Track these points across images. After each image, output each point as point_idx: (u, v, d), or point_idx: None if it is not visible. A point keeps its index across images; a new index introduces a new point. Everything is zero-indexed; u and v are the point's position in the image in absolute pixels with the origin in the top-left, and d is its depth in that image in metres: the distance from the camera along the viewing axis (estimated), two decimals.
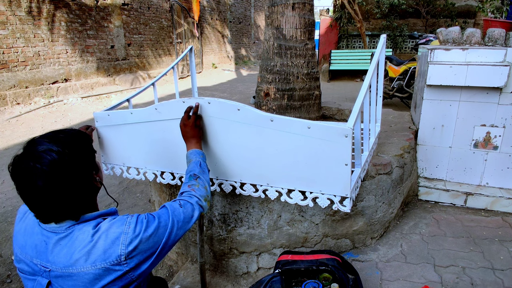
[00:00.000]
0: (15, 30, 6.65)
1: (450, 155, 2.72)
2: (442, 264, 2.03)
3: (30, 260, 1.02)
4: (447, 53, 2.50)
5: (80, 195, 1.02)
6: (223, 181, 1.77)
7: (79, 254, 0.96)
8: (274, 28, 2.69)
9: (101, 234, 0.99)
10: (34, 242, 1.03)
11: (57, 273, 0.99)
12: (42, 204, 0.96)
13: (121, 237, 0.99)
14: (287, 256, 1.76)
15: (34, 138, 1.01)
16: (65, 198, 0.97)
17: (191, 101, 1.68)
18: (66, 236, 1.00)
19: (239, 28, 16.55)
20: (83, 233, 1.00)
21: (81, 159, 1.02)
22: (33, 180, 0.93)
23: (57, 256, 0.98)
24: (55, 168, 0.94)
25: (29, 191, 0.94)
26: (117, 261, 0.97)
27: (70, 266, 0.97)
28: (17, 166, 0.95)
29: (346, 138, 1.42)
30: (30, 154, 0.95)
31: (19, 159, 0.96)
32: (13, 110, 6.62)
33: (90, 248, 0.97)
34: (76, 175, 1.00)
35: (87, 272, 0.96)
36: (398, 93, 5.75)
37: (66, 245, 0.99)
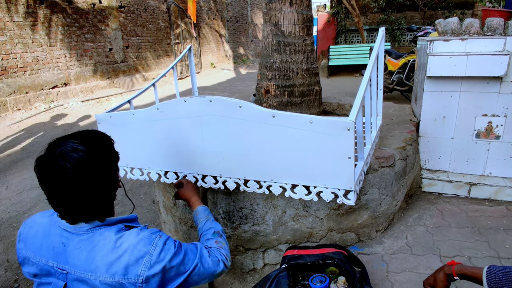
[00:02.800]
0: (13, 36, 6.65)
1: (452, 146, 2.72)
2: (448, 255, 2.03)
3: (45, 262, 1.01)
4: (447, 44, 2.50)
5: (106, 194, 1.03)
6: (226, 179, 1.77)
7: (101, 262, 0.96)
8: (272, 24, 2.69)
9: (127, 247, 0.98)
10: (51, 244, 1.02)
11: (74, 276, 0.98)
12: (69, 203, 0.96)
13: (145, 257, 0.97)
14: (293, 251, 1.77)
15: (58, 138, 1.01)
16: (92, 197, 0.98)
17: (193, 100, 1.68)
18: (87, 240, 0.99)
19: (236, 27, 16.54)
20: (104, 239, 0.99)
21: (106, 158, 1.03)
22: (61, 178, 0.93)
23: (77, 259, 0.98)
24: (83, 167, 0.95)
25: (57, 190, 0.94)
26: (135, 280, 0.95)
27: (90, 271, 0.96)
28: (44, 166, 0.95)
29: (348, 131, 1.42)
30: (57, 154, 0.95)
31: (46, 158, 0.96)
32: (14, 116, 6.64)
33: (113, 259, 0.96)
34: (103, 173, 1.00)
35: (104, 282, 0.95)
36: (398, 87, 5.74)
37: (87, 249, 0.98)
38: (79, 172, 0.94)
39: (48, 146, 0.99)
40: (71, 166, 0.93)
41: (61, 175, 0.93)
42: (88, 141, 1.00)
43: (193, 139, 1.74)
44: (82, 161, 0.95)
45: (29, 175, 4.14)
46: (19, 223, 3.19)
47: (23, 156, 4.82)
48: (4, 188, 3.86)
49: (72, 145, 0.97)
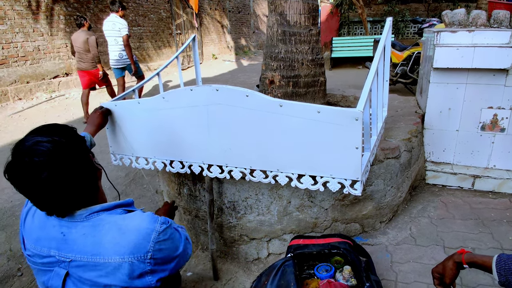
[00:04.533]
0: (14, 24, 6.60)
1: (457, 139, 2.71)
2: (451, 246, 2.04)
3: (47, 252, 1.01)
4: (454, 35, 2.48)
5: (85, 178, 1.01)
6: (232, 168, 1.77)
7: (109, 245, 0.97)
8: (278, 14, 2.65)
9: (133, 227, 0.99)
10: (50, 235, 1.01)
11: (79, 263, 0.98)
12: (52, 197, 0.94)
13: (152, 234, 0.99)
14: (298, 241, 1.77)
15: (19, 140, 0.97)
16: (72, 185, 0.96)
17: (199, 89, 1.67)
18: (90, 226, 0.99)
19: (238, 18, 16.39)
20: (109, 223, 1.00)
21: (72, 144, 0.99)
22: (35, 175, 0.90)
23: (82, 245, 0.98)
24: (53, 156, 0.92)
25: (35, 188, 0.91)
26: (144, 257, 0.97)
27: (98, 255, 0.96)
28: (14, 167, 0.92)
29: (356, 121, 1.42)
30: (22, 152, 0.91)
31: (13, 161, 0.92)
32: (15, 105, 6.61)
33: (121, 240, 0.97)
34: (74, 158, 0.97)
35: (112, 263, 0.96)
36: (402, 79, 5.71)
37: (91, 234, 0.98)
38: (49, 163, 0.91)
39: (13, 149, 0.95)
40: (39, 159, 0.90)
41: (32, 171, 0.90)
42: (49, 132, 0.97)
43: (199, 128, 1.73)
44: (49, 151, 0.92)
45: None
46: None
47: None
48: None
49: (33, 140, 0.94)
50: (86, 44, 5.58)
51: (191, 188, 2.20)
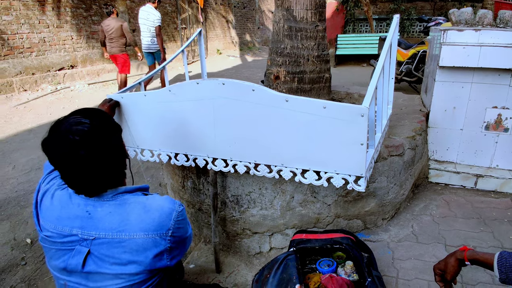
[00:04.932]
0: (19, 15, 6.61)
1: (461, 138, 2.71)
2: (453, 244, 2.05)
3: (69, 231, 1.04)
4: (460, 34, 2.47)
5: (118, 162, 1.10)
6: (237, 162, 1.78)
7: (135, 222, 1.03)
8: (284, 9, 2.65)
9: (156, 207, 1.07)
10: (73, 213, 1.05)
11: (103, 240, 1.02)
12: (86, 176, 1.01)
13: (173, 213, 1.07)
14: (301, 235, 1.79)
15: (59, 119, 1.05)
16: (106, 166, 1.04)
17: (205, 82, 1.68)
18: (117, 205, 1.06)
19: (243, 13, 16.34)
20: (134, 203, 1.07)
21: (109, 127, 1.08)
22: (72, 153, 0.97)
23: (108, 222, 1.03)
24: (92, 136, 1.00)
25: (72, 165, 0.98)
26: (165, 234, 1.05)
27: (123, 231, 1.02)
28: (53, 145, 0.99)
29: (362, 117, 1.42)
30: (62, 130, 0.99)
31: (53, 138, 1.00)
32: (20, 96, 6.65)
33: (146, 218, 1.04)
34: (110, 141, 1.06)
35: (137, 240, 1.02)
36: (407, 77, 5.69)
37: (118, 213, 1.05)
38: (88, 143, 0.99)
39: (52, 127, 1.02)
40: (80, 138, 0.98)
41: (72, 149, 0.97)
42: (89, 114, 1.06)
43: (205, 122, 1.74)
44: (88, 132, 1.00)
45: (37, 155, 4.17)
46: (27, 202, 3.23)
47: (30, 137, 4.85)
48: (11, 168, 3.90)
49: (74, 120, 1.02)
50: (119, 30, 6.08)
51: (195, 181, 2.22)
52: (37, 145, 4.67)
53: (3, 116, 5.80)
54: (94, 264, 1.03)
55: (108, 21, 6.12)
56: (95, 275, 1.04)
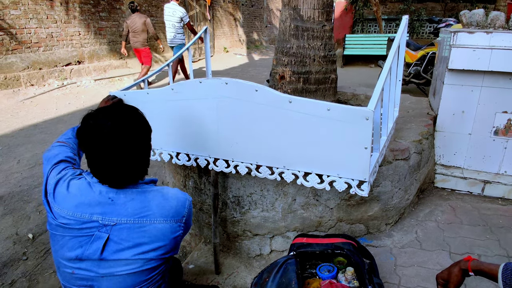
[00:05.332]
0: (28, 10, 6.64)
1: (469, 142, 2.65)
2: (457, 252, 2.01)
3: (89, 218, 1.08)
4: (471, 36, 2.41)
5: (145, 158, 1.19)
6: (238, 163, 1.75)
7: (156, 208, 1.11)
8: (291, 8, 2.61)
9: (172, 195, 1.17)
10: (94, 200, 1.10)
11: (124, 226, 1.08)
12: (115, 164, 1.07)
13: (186, 202, 1.19)
14: (302, 239, 1.76)
15: (99, 109, 1.14)
16: (134, 157, 1.11)
17: (208, 81, 1.65)
18: (139, 192, 1.14)
19: (251, 11, 16.28)
20: (154, 191, 1.16)
21: (146, 125, 1.18)
22: (106, 137, 1.05)
23: (131, 208, 1.10)
24: (124, 126, 1.08)
25: (103, 151, 1.05)
26: (180, 220, 1.15)
27: (145, 217, 1.09)
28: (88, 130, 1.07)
29: (367, 120, 1.39)
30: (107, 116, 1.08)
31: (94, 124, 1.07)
32: (27, 91, 6.68)
33: (165, 205, 1.13)
34: (141, 136, 1.15)
35: (157, 225, 1.09)
36: (415, 79, 5.61)
37: (140, 199, 1.12)
38: (121, 132, 1.06)
39: (85, 116, 1.10)
40: (112, 124, 1.06)
41: (104, 135, 1.05)
42: (131, 110, 1.16)
43: (207, 121, 1.72)
44: (122, 122, 1.08)
45: (41, 150, 4.18)
46: (30, 197, 3.24)
47: (35, 132, 4.87)
48: (16, 162, 3.92)
49: (119, 108, 1.13)
50: (143, 25, 6.71)
51: (197, 181, 2.19)
52: (42, 140, 4.71)
53: (10, 110, 5.84)
54: (113, 250, 1.07)
55: (132, 18, 6.73)
56: (110, 261, 1.07)
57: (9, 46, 6.38)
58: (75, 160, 1.35)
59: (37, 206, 3.11)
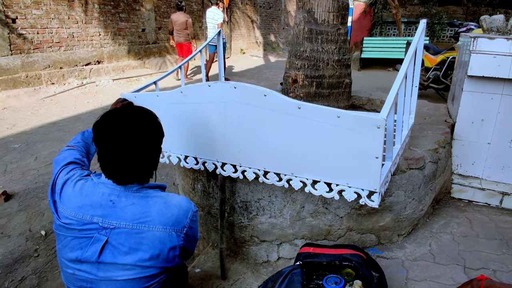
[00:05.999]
0: (49, 10, 6.81)
1: (488, 152, 2.55)
2: (472, 267, 1.92)
3: (90, 219, 1.08)
4: (491, 42, 2.32)
5: (155, 158, 1.19)
6: (246, 168, 1.73)
7: (156, 215, 1.09)
8: (305, 11, 2.58)
9: (175, 203, 1.14)
10: (97, 202, 1.10)
11: (123, 230, 1.07)
12: (125, 159, 1.08)
13: (189, 212, 1.16)
14: (308, 249, 1.71)
15: (116, 108, 1.15)
16: (144, 156, 1.12)
17: (217, 85, 1.64)
18: (140, 197, 1.12)
19: (269, 13, 16.27)
20: (156, 197, 1.14)
21: (156, 127, 1.19)
22: (120, 133, 1.07)
23: (130, 213, 1.09)
24: (139, 126, 1.11)
25: (115, 145, 1.07)
26: (180, 230, 1.12)
27: (144, 223, 1.07)
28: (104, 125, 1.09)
29: (378, 129, 1.34)
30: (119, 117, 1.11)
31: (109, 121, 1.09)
32: (48, 89, 6.85)
33: (166, 212, 1.11)
34: (153, 138, 1.17)
35: (155, 232, 1.07)
36: (434, 84, 5.46)
37: (141, 204, 1.11)
38: (139, 134, 1.09)
39: (106, 113, 1.13)
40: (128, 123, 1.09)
41: (118, 131, 1.07)
42: (146, 111, 1.18)
43: (215, 125, 1.70)
44: (138, 122, 1.11)
45: (59, 147, 4.27)
46: (45, 194, 3.30)
47: (54, 129, 4.98)
48: (33, 159, 4.01)
49: (136, 108, 1.16)
50: (184, 23, 7.56)
51: (205, 185, 2.18)
52: (60, 138, 4.81)
53: (30, 107, 6.00)
54: (110, 254, 1.06)
55: (177, 15, 7.53)
56: (108, 265, 1.06)
57: (31, 45, 6.56)
58: (83, 162, 1.36)
59: None
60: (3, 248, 2.58)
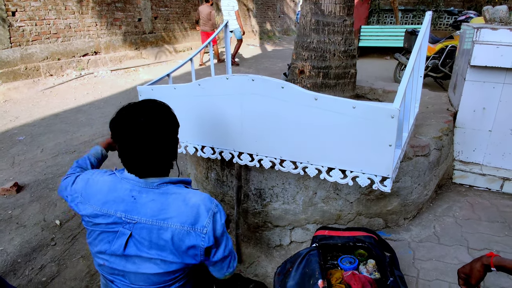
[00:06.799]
0: (47, 2, 6.74)
1: (489, 139, 2.65)
2: (476, 247, 2.03)
3: (114, 213, 1.11)
4: (494, 32, 2.39)
5: (172, 151, 1.20)
6: (263, 157, 1.80)
7: (175, 212, 1.09)
8: (312, 3, 2.63)
9: (195, 202, 1.12)
10: (120, 197, 1.13)
11: (144, 225, 1.09)
12: (143, 152, 1.10)
13: (210, 212, 1.12)
14: (323, 232, 1.81)
15: (130, 104, 1.16)
16: (163, 151, 1.14)
17: (235, 78, 1.70)
18: (160, 193, 1.12)
19: (264, 1, 16.13)
20: (175, 193, 1.13)
21: (173, 118, 1.20)
22: (137, 127, 1.07)
23: (150, 209, 1.10)
24: (167, 121, 1.14)
25: (134, 139, 1.08)
26: (200, 230, 1.08)
27: (163, 220, 1.08)
28: (126, 121, 1.10)
29: (392, 119, 1.42)
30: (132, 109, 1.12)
31: (127, 116, 1.10)
32: (47, 81, 6.82)
33: (185, 210, 1.09)
34: (172, 131, 1.17)
35: (174, 229, 1.07)
36: (432, 73, 5.54)
37: (160, 201, 1.11)
38: (156, 127, 1.10)
39: (121, 108, 1.13)
40: (144, 119, 1.09)
41: (136, 124, 1.08)
42: (159, 103, 1.19)
43: (232, 117, 1.77)
44: (153, 114, 1.12)
45: (64, 139, 4.30)
46: (55, 185, 3.36)
47: (56, 121, 5.00)
48: (40, 151, 4.05)
49: (149, 103, 1.16)
50: (209, 15, 8.40)
51: (219, 173, 2.26)
52: (63, 130, 4.83)
53: (31, 100, 5.99)
54: (135, 247, 1.09)
55: (203, 7, 8.43)
56: (135, 257, 1.10)
57: (29, 37, 6.51)
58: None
59: None
60: (20, 238, 2.65)
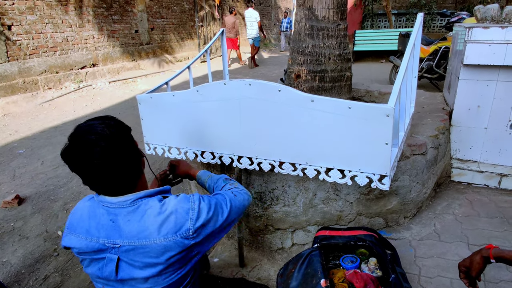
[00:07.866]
0: (43, 15, 6.81)
1: (485, 136, 2.68)
2: (476, 243, 2.05)
3: (97, 241, 1.08)
4: (486, 31, 2.44)
5: (131, 159, 1.10)
6: (262, 160, 1.83)
7: (153, 227, 1.05)
8: (306, 8, 2.67)
9: (171, 210, 1.08)
10: (99, 223, 1.09)
11: (128, 247, 1.06)
12: (102, 173, 1.02)
13: (190, 212, 1.08)
14: (325, 232, 1.83)
15: (80, 124, 1.09)
16: (120, 163, 1.05)
17: (232, 83, 1.73)
18: (134, 211, 1.08)
19: (259, 10, 16.28)
20: (150, 207, 1.08)
21: (121, 127, 1.11)
22: (90, 150, 1.00)
23: (128, 230, 1.06)
24: (112, 138, 1.04)
25: (89, 162, 1.00)
26: (186, 234, 1.06)
27: (144, 238, 1.04)
28: (74, 147, 1.03)
29: (387, 117, 1.45)
30: (80, 133, 1.04)
31: (72, 142, 1.03)
32: (45, 94, 6.86)
33: (161, 222, 1.05)
34: (123, 139, 1.08)
35: (159, 244, 1.04)
36: (427, 74, 5.60)
37: (136, 219, 1.06)
38: (102, 140, 1.01)
39: (73, 134, 1.05)
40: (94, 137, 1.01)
41: (88, 147, 1.00)
42: (101, 118, 1.10)
43: (231, 121, 1.80)
44: (109, 134, 1.04)
45: None
46: (56, 197, 3.38)
47: (56, 133, 5.03)
48: (40, 164, 4.07)
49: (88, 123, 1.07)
50: (234, 24, 9.86)
51: None
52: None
53: (30, 113, 6.02)
54: (127, 270, 1.07)
55: (228, 18, 9.96)
56: (130, 280, 1.09)
57: (26, 50, 6.57)
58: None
59: (64, 205, 3.24)
60: (23, 249, 2.66)
